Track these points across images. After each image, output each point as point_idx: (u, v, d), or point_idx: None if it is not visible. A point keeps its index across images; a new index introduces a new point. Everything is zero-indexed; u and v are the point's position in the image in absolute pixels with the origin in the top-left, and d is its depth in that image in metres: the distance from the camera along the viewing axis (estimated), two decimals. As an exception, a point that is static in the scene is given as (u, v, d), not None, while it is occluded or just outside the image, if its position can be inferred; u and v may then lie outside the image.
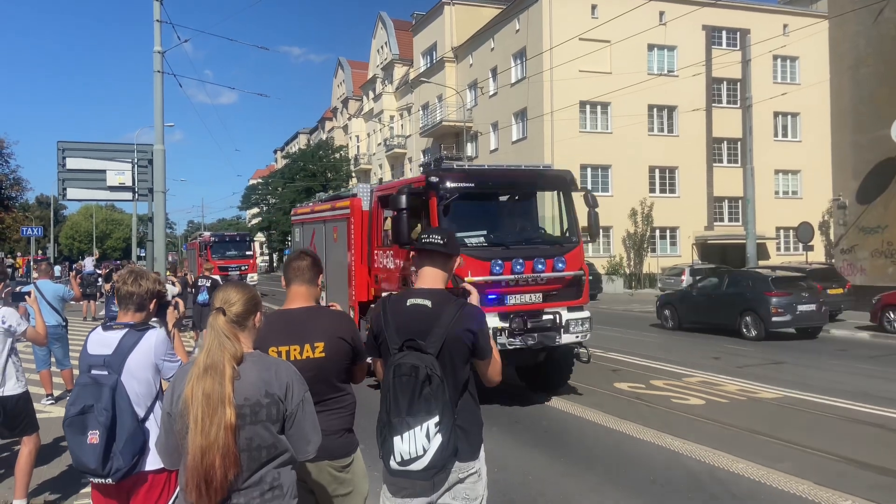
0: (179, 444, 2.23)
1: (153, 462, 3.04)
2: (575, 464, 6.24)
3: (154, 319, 3.47)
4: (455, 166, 9.37)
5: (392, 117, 54.34)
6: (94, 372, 3.04)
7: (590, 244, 35.72)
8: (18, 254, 48.36)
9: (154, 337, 3.15)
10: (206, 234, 36.78)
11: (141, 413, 3.09)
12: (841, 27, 24.99)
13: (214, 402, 2.12)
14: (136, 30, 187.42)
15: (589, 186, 34.65)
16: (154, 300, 3.37)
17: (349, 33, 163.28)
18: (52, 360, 8.95)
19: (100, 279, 23.44)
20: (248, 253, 31.22)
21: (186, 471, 2.14)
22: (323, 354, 2.89)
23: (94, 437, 2.94)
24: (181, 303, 5.63)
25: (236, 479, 2.16)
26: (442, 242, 2.79)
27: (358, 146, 61.42)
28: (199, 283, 16.44)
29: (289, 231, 63.76)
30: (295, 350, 2.87)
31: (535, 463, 6.28)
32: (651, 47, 34.88)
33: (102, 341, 3.12)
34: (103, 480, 3.01)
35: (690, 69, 33.15)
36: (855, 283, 20.13)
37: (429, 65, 46.64)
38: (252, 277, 29.36)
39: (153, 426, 3.09)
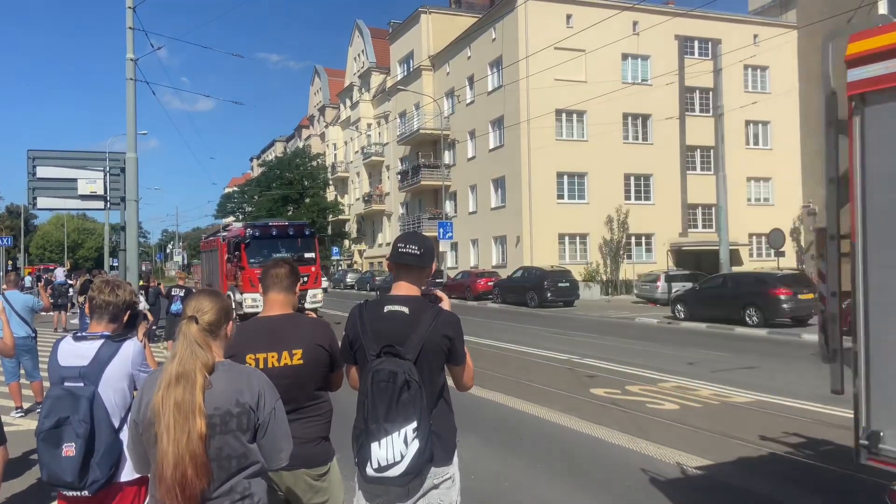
0: (147, 453, 2.21)
1: (128, 473, 3.01)
2: (551, 469, 6.27)
3: (122, 330, 3.43)
4: None
5: (369, 125, 54.32)
6: (67, 384, 2.99)
7: (566, 251, 35.85)
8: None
9: (131, 347, 3.13)
10: (238, 225, 24.25)
11: (116, 423, 3.05)
12: (809, 37, 25.59)
13: (185, 411, 2.11)
14: (109, 37, 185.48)
15: (566, 194, 35.03)
16: (128, 311, 3.33)
17: (326, 41, 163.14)
18: (22, 371, 8.78)
19: (71, 290, 23.06)
20: (308, 255, 20.07)
21: (158, 481, 2.12)
22: (301, 361, 2.89)
23: (69, 449, 2.90)
24: (149, 315, 5.59)
25: (207, 489, 2.15)
26: (418, 254, 2.80)
27: (335, 154, 61.29)
28: (173, 293, 16.24)
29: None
30: (273, 357, 2.87)
31: (510, 468, 6.29)
32: (625, 56, 35.35)
33: (76, 352, 3.06)
34: (78, 493, 2.96)
35: (664, 78, 33.68)
36: (825, 287, 20.56)
37: (406, 73, 46.76)
38: (315, 295, 19.84)
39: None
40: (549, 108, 33.46)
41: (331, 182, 59.80)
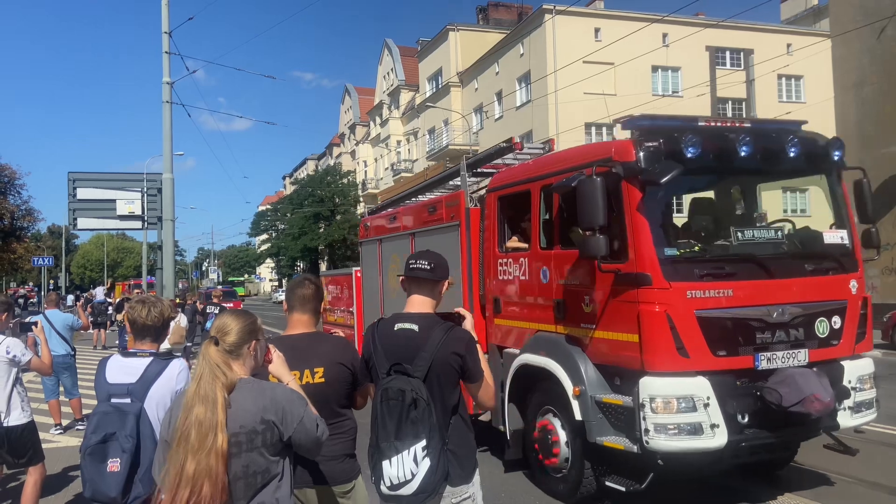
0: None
1: None
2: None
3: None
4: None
5: (399, 142, 54.75)
6: (115, 400, 3.04)
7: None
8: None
9: (178, 366, 3.18)
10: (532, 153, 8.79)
11: None
12: (844, 45, 25.10)
13: (206, 429, 2.13)
14: (146, 60, 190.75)
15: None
16: (168, 327, 3.41)
17: (357, 60, 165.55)
18: (61, 389, 8.98)
19: (110, 308, 23.57)
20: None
21: (169, 497, 2.14)
22: (322, 380, 2.91)
23: (114, 464, 2.94)
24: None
25: None
26: (429, 268, 2.79)
27: (366, 171, 61.83)
28: (208, 311, 16.48)
29: (297, 257, 63.84)
30: (295, 375, 2.89)
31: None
32: (655, 69, 35.10)
33: (124, 369, 3.10)
34: None
35: (695, 90, 33.31)
36: (866, 300, 19.99)
37: (434, 90, 47.08)
38: None
39: None
40: (579, 122, 33.32)
41: (361, 199, 60.30)
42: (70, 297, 35.43)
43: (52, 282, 44.82)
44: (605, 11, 35.03)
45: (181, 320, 12.26)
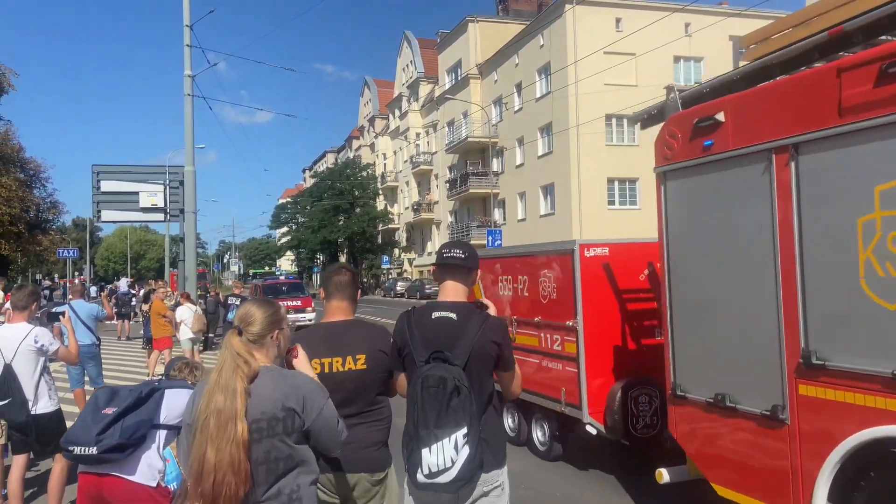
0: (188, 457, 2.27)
1: (143, 475, 3.27)
2: (604, 479, 6.14)
3: None
4: None
5: (418, 134, 54.75)
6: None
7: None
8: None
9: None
10: None
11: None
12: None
13: (226, 417, 2.16)
14: (168, 54, 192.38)
15: (616, 199, 34.53)
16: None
17: (377, 53, 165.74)
18: (86, 378, 9.12)
19: (134, 299, 23.92)
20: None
21: (195, 485, 2.16)
22: (364, 366, 2.94)
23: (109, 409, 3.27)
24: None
25: (255, 492, 2.18)
26: (463, 257, 2.82)
27: (385, 164, 61.98)
28: (229, 302, 16.65)
29: (317, 249, 64.34)
30: (337, 362, 2.93)
31: (563, 477, 6.20)
32: (677, 59, 34.71)
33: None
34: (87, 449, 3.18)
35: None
36: None
37: (454, 82, 46.99)
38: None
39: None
40: (599, 113, 33.08)
41: (380, 192, 60.47)
42: (93, 289, 35.97)
43: (76, 273, 45.49)
44: (626, 1, 34.65)
45: (198, 310, 12.43)
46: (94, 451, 3.14)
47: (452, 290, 2.83)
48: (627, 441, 5.94)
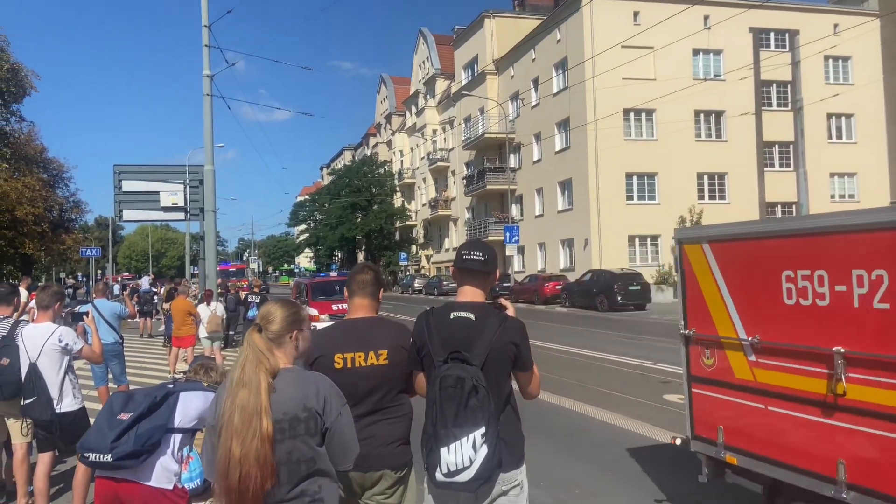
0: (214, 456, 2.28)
1: (159, 479, 3.31)
2: (622, 477, 6.12)
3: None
4: None
5: (435, 131, 54.72)
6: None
7: (636, 253, 34.66)
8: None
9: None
10: None
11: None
12: (894, 25, 24.15)
13: (250, 412, 2.17)
14: (187, 54, 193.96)
15: (635, 194, 34.26)
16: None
17: (393, 50, 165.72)
18: (110, 376, 9.25)
19: (155, 297, 24.19)
20: None
21: (221, 481, 2.18)
22: (386, 362, 2.99)
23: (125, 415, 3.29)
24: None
25: (277, 492, 2.20)
26: (483, 260, 2.84)
27: (402, 161, 62.03)
28: (249, 300, 16.77)
29: (335, 247, 64.82)
30: (360, 357, 2.97)
31: (580, 476, 6.18)
32: (696, 52, 34.35)
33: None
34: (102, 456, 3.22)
35: (738, 73, 32.45)
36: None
37: (470, 78, 46.87)
38: None
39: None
40: (617, 108, 32.83)
41: (398, 188, 60.55)
42: (116, 287, 36.46)
43: (99, 272, 46.12)
44: (644, -6, 34.33)
45: (217, 309, 12.54)
46: (108, 458, 3.18)
47: (471, 292, 2.86)
48: None
